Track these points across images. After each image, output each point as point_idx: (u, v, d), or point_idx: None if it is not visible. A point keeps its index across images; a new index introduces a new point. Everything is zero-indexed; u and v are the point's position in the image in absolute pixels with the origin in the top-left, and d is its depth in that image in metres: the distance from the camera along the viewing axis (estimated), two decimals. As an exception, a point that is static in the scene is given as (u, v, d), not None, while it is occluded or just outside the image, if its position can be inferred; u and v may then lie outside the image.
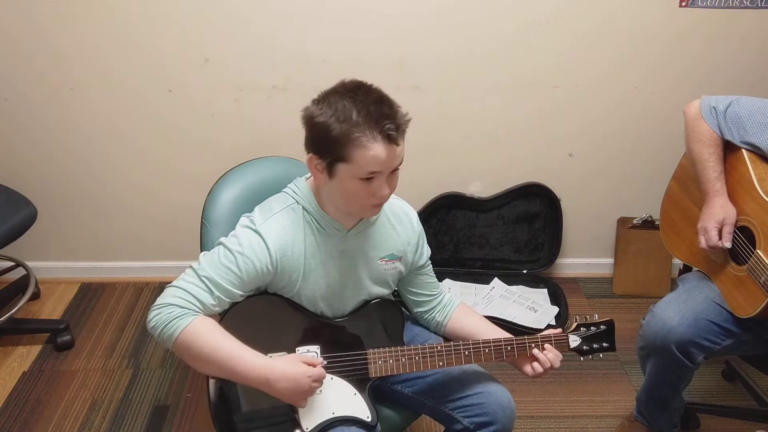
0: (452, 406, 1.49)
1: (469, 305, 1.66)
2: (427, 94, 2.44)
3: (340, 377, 1.43)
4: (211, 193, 1.57)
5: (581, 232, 2.78)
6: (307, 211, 1.40)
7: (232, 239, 1.36)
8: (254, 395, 1.33)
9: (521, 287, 2.68)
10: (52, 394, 2.17)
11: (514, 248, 2.73)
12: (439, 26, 2.33)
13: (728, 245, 1.66)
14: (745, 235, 1.66)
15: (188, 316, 1.29)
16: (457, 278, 2.71)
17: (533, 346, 1.45)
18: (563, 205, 2.67)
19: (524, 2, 2.30)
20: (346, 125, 1.23)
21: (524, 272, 2.74)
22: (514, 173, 2.64)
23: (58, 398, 2.16)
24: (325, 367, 1.39)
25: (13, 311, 2.32)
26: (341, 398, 1.41)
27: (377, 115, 1.24)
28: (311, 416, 1.37)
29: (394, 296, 1.59)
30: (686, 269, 1.97)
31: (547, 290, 2.67)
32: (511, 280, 2.71)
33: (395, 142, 1.26)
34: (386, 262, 1.49)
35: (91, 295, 2.67)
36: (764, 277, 1.55)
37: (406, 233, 1.52)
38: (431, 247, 1.62)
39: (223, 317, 1.37)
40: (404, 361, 1.43)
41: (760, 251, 1.58)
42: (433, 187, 2.63)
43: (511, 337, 1.46)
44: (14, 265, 2.60)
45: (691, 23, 2.37)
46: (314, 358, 1.36)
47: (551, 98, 2.49)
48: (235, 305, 1.37)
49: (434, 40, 2.35)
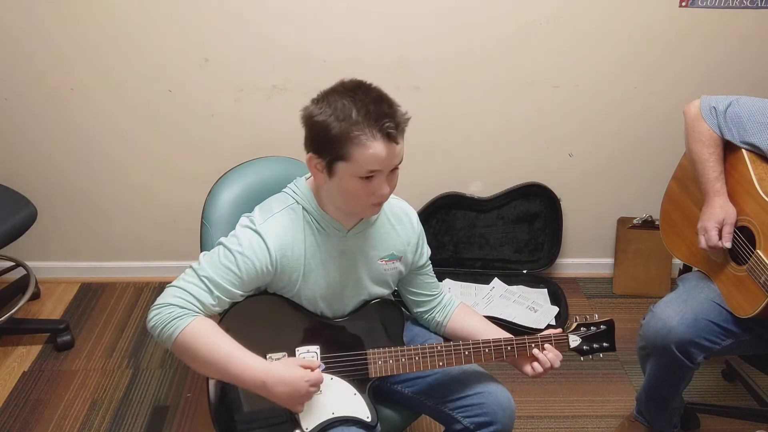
0: (452, 406, 1.49)
1: (469, 305, 1.66)
2: (427, 94, 2.44)
3: (340, 377, 1.42)
4: (211, 193, 1.57)
5: (581, 232, 2.78)
6: (307, 211, 1.40)
7: (232, 239, 1.36)
8: (254, 396, 1.32)
9: (521, 287, 2.68)
10: (52, 394, 2.17)
11: (514, 248, 2.73)
12: (439, 26, 2.33)
13: (728, 245, 1.66)
14: (745, 235, 1.66)
15: (188, 316, 1.28)
16: (457, 278, 2.71)
17: (533, 346, 1.45)
18: (563, 205, 2.67)
19: (524, 2, 2.30)
20: (345, 124, 1.23)
21: (524, 272, 2.74)
22: (514, 173, 2.64)
23: (58, 398, 2.16)
24: (325, 366, 1.39)
25: (13, 311, 2.32)
26: (341, 398, 1.41)
27: (377, 113, 1.24)
28: (311, 416, 1.37)
29: (394, 296, 1.59)
30: (686, 269, 1.97)
31: (547, 290, 2.67)
32: (511, 280, 2.71)
33: (395, 140, 1.26)
34: (386, 262, 1.49)
35: (91, 295, 2.67)
36: (764, 277, 1.55)
37: (406, 233, 1.52)
38: (431, 247, 1.61)
39: (223, 317, 1.37)
40: (404, 361, 1.42)
41: (760, 251, 1.58)
42: (433, 187, 2.63)
43: (511, 337, 1.46)
44: (14, 265, 2.60)
45: (691, 23, 2.37)
46: (312, 361, 1.35)
47: (551, 98, 2.49)
48: (235, 305, 1.37)
49: (434, 40, 2.35)
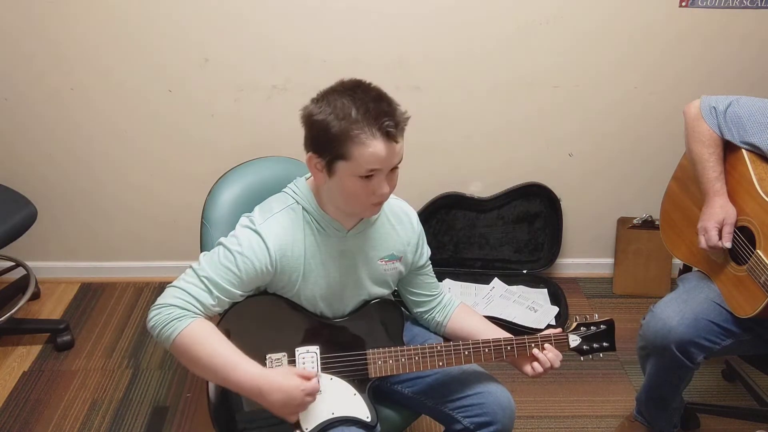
0: (452, 406, 1.49)
1: (469, 305, 1.66)
2: (427, 93, 2.44)
3: (339, 377, 1.42)
4: (211, 193, 1.57)
5: (581, 232, 2.78)
6: (306, 211, 1.40)
7: (231, 239, 1.36)
8: (253, 396, 1.33)
9: (521, 287, 2.68)
10: (52, 394, 2.17)
11: (514, 248, 2.73)
12: (439, 26, 2.33)
13: (728, 245, 1.66)
14: (745, 235, 1.66)
15: (187, 318, 1.28)
16: (457, 278, 2.71)
17: (533, 345, 1.44)
18: (563, 205, 2.67)
19: (524, 2, 2.30)
20: (345, 123, 1.23)
21: (524, 272, 2.74)
22: (514, 173, 2.64)
23: (58, 398, 2.16)
24: (325, 367, 1.39)
25: (13, 311, 2.31)
26: (341, 398, 1.41)
27: (376, 112, 1.23)
28: (311, 416, 1.36)
29: (393, 296, 1.59)
30: (686, 269, 1.96)
31: (547, 290, 2.67)
32: (511, 280, 2.71)
33: (394, 139, 1.26)
34: (386, 262, 1.49)
35: (91, 295, 2.67)
36: (764, 277, 1.55)
37: (406, 233, 1.52)
38: (431, 247, 1.61)
39: (222, 317, 1.37)
40: (404, 361, 1.42)
41: (760, 251, 1.58)
42: (433, 187, 2.63)
43: (511, 337, 1.46)
44: (14, 265, 2.60)
45: (691, 23, 2.37)
46: (310, 370, 1.35)
47: (551, 98, 2.49)
48: (234, 305, 1.37)
49: (434, 40, 2.35)
